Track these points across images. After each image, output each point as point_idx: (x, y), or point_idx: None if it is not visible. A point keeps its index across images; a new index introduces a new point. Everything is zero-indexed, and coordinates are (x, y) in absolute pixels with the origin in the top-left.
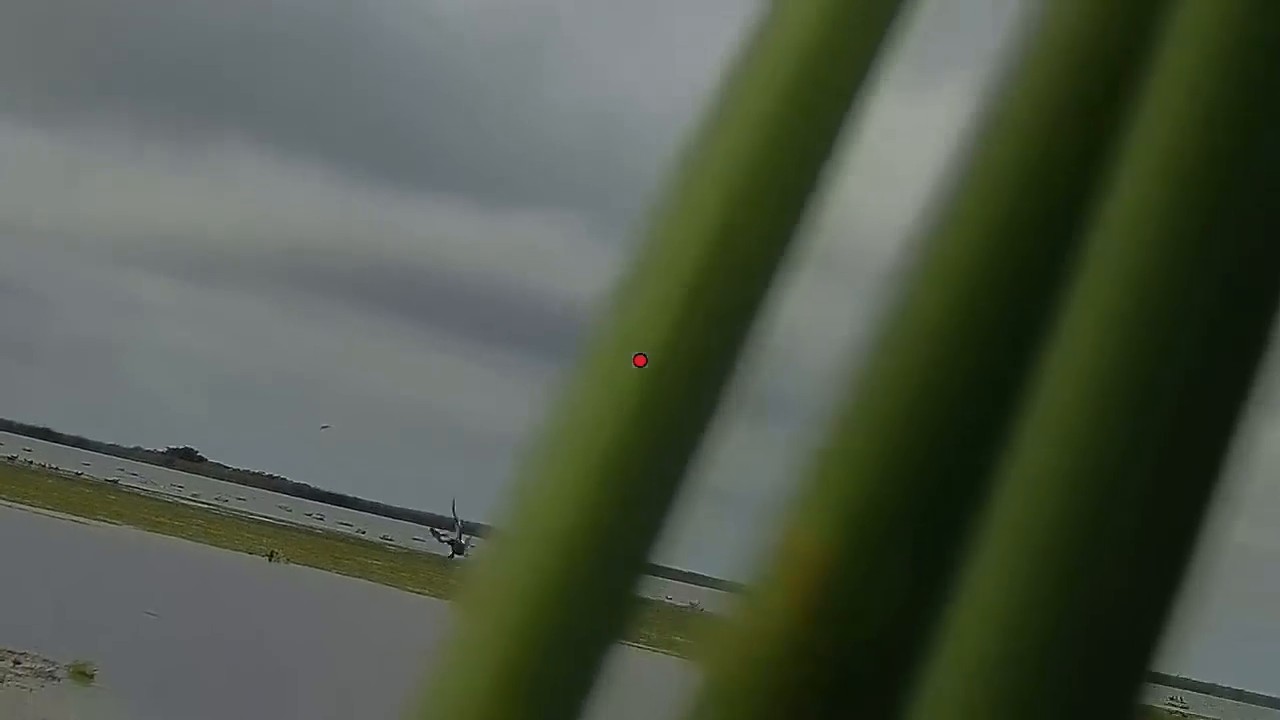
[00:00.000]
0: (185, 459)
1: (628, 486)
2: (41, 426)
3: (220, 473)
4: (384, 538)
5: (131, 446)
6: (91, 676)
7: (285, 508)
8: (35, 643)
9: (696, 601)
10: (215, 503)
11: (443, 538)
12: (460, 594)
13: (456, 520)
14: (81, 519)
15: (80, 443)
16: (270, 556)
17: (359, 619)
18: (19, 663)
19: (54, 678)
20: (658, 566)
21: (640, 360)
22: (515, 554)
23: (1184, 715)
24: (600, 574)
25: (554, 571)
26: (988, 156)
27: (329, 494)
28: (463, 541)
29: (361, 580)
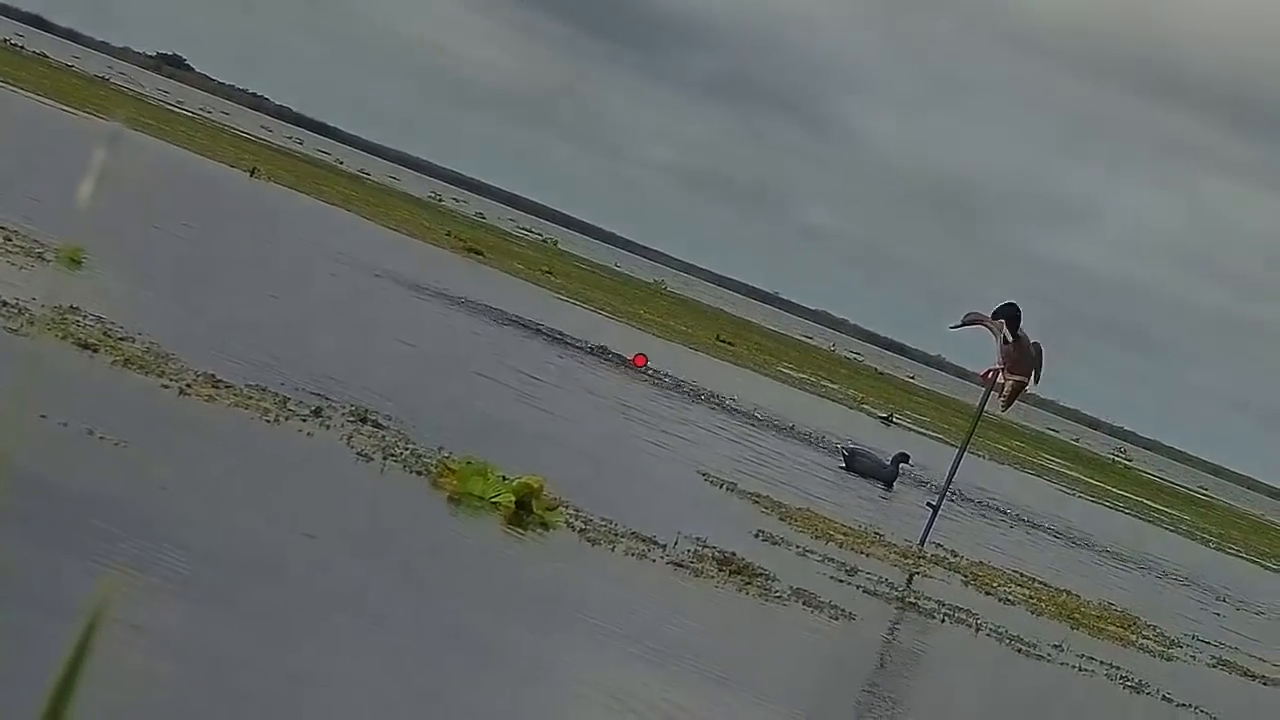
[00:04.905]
0: (172, 65)
1: None
2: (34, 14)
3: (205, 84)
4: (362, 171)
5: (121, 46)
6: (80, 262)
7: (266, 128)
8: (26, 222)
9: None
10: (200, 112)
11: None
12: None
13: None
14: (71, 109)
15: (72, 35)
16: (252, 173)
17: (336, 240)
18: (9, 239)
19: (43, 259)
20: None
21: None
22: None
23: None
24: None
25: None
26: None
27: (310, 120)
28: None
29: (340, 209)
